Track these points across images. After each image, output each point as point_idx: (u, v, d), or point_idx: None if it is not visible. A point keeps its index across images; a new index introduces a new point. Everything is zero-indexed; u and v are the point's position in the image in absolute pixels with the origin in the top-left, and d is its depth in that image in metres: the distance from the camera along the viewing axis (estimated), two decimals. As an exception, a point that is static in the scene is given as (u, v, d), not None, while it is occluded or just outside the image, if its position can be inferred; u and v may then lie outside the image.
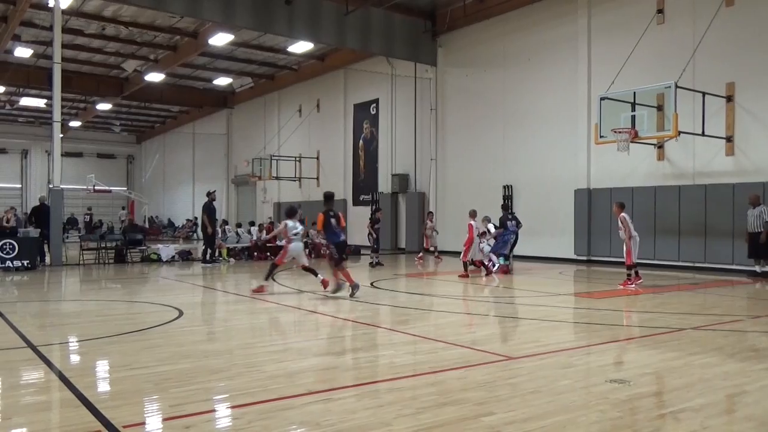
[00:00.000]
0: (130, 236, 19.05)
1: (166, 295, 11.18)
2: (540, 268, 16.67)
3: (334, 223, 10.50)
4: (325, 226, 10.51)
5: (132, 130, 46.70)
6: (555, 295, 11.22)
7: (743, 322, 8.13)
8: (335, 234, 10.50)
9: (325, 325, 8.18)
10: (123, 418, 4.03)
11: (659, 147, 15.85)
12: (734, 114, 14.61)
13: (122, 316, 8.82)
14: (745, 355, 6.04)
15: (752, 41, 14.33)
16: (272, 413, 4.19)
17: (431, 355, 6.14)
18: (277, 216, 30.50)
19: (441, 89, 22.59)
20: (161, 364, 5.63)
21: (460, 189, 21.55)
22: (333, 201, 11.00)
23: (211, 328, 8.00)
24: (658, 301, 10.54)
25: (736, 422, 4.13)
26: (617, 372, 5.34)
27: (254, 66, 28.33)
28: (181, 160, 42.07)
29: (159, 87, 30.14)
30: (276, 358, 5.92)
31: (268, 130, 32.10)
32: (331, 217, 10.49)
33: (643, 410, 4.35)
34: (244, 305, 10.01)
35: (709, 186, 15.04)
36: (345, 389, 4.83)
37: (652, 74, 14.96)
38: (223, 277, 14.98)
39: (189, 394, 4.64)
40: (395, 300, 10.63)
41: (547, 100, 18.83)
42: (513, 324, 8.49)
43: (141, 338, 6.93)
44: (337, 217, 10.61)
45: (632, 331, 7.54)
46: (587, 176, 17.72)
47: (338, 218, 10.62)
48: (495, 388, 4.81)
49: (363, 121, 26.41)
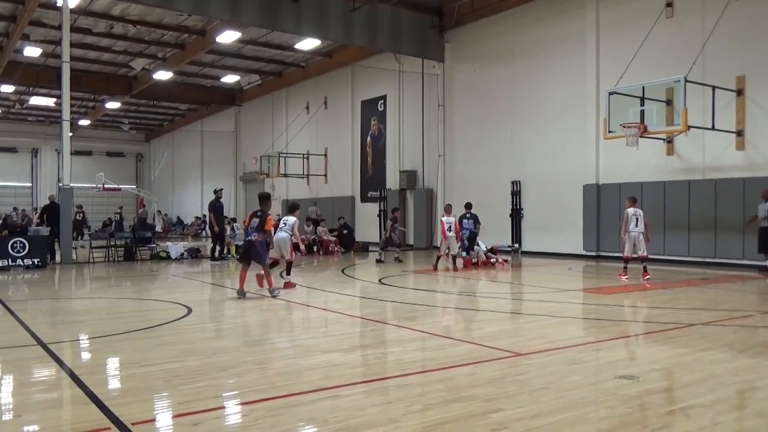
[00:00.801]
0: (139, 234, 19.12)
1: (175, 293, 11.22)
2: (549, 263, 16.61)
3: (256, 223, 10.15)
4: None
5: (141, 128, 46.91)
6: (564, 291, 11.19)
7: (754, 317, 8.07)
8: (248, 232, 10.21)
9: (333, 322, 8.18)
10: (132, 415, 4.05)
11: (668, 142, 15.75)
12: (745, 108, 14.48)
13: (132, 314, 8.87)
14: (756, 351, 6.00)
15: (762, 34, 14.19)
16: (281, 410, 4.20)
17: (439, 352, 6.13)
18: (285, 213, 30.54)
19: (449, 85, 22.52)
20: (170, 361, 5.66)
21: (468, 185, 21.49)
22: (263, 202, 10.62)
23: (219, 325, 8.03)
24: (667, 296, 10.48)
25: (747, 418, 4.10)
26: (626, 368, 5.31)
27: (262, 63, 28.37)
28: (189, 158, 42.22)
29: (167, 85, 30.23)
30: (284, 354, 5.93)
31: (276, 127, 32.14)
32: (255, 216, 10.25)
33: (652, 406, 4.33)
34: (253, 302, 10.02)
35: (719, 181, 14.93)
36: (353, 386, 4.83)
37: (661, 68, 14.85)
38: (232, 275, 15.02)
39: (198, 391, 4.65)
40: (403, 296, 10.62)
41: (555, 95, 18.74)
42: (521, 320, 8.47)
43: (150, 335, 6.96)
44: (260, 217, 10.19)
45: (641, 327, 7.51)
46: (596, 171, 17.63)
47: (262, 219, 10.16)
48: (503, 385, 4.80)
49: (371, 118, 26.39)
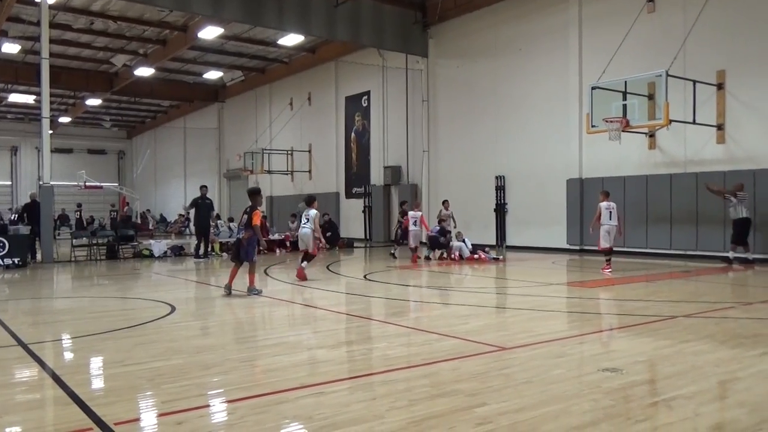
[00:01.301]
0: (121, 232, 18.95)
1: (159, 291, 11.13)
2: (533, 257, 16.71)
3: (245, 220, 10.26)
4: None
5: (122, 125, 46.45)
6: (547, 284, 11.25)
7: (735, 309, 8.17)
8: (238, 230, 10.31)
9: (318, 319, 8.17)
10: (115, 415, 4.01)
11: (650, 136, 15.88)
12: (725, 102, 14.64)
13: (114, 313, 8.78)
14: (737, 342, 6.07)
15: (743, 28, 14.35)
16: (265, 407, 4.18)
17: (424, 347, 6.14)
18: (269, 209, 30.44)
19: (432, 80, 22.53)
20: (154, 360, 5.61)
21: (452, 180, 21.55)
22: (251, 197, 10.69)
23: (204, 323, 7.98)
24: (650, 289, 10.59)
25: (728, 409, 4.15)
26: (610, 361, 5.35)
27: (245, 59, 28.18)
28: (172, 155, 41.89)
29: (149, 82, 29.94)
30: (269, 352, 5.91)
31: (260, 123, 31.98)
32: (245, 213, 10.33)
33: (635, 398, 4.37)
34: (238, 300, 9.97)
35: (700, 174, 15.08)
36: (338, 382, 4.83)
37: (642, 63, 14.97)
38: (216, 272, 14.94)
39: (182, 390, 4.62)
40: (389, 292, 10.63)
41: (538, 90, 18.82)
42: (506, 314, 8.50)
43: (133, 334, 6.90)
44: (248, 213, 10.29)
45: (624, 320, 7.57)
46: (579, 166, 17.75)
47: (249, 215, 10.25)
48: (488, 379, 4.81)
49: (355, 114, 26.34)
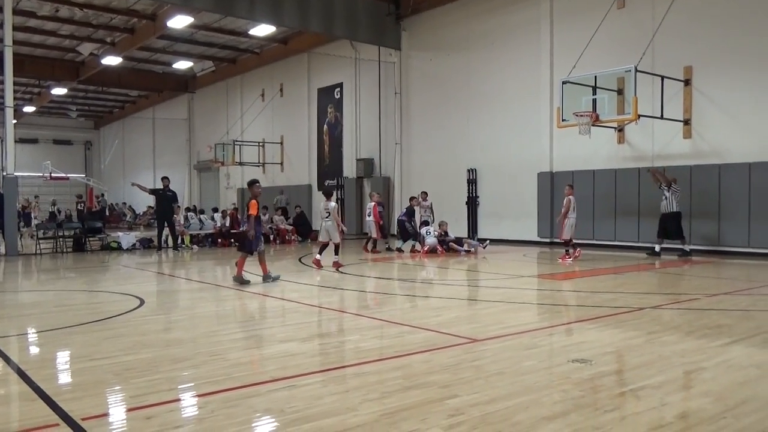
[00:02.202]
0: (89, 224, 18.59)
1: (127, 284, 10.96)
2: (504, 250, 16.85)
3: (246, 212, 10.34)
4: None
5: (89, 115, 45.51)
6: (518, 277, 11.37)
7: (700, 300, 8.35)
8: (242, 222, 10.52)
9: (290, 311, 8.12)
10: (82, 411, 3.93)
11: (619, 130, 16.12)
12: (692, 97, 14.92)
13: (81, 306, 8.62)
14: (702, 333, 6.20)
15: (709, 25, 14.61)
16: (237, 401, 4.14)
17: (397, 339, 6.15)
18: (241, 201, 30.17)
19: (405, 73, 22.52)
20: (123, 354, 5.52)
21: (424, 173, 21.60)
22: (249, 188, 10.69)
23: (173, 316, 7.87)
24: (618, 281, 10.76)
25: (693, 398, 4.24)
26: (579, 352, 5.43)
27: (215, 49, 27.81)
28: (141, 146, 41.23)
29: (116, 71, 29.37)
30: (240, 345, 5.86)
31: (231, 114, 31.63)
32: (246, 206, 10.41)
33: (604, 389, 4.44)
34: (208, 293, 9.88)
35: (667, 168, 15.35)
36: (310, 375, 4.81)
37: (612, 58, 15.15)
38: (186, 265, 14.77)
39: (151, 384, 4.55)
40: (361, 285, 10.62)
41: (510, 83, 18.94)
42: (478, 306, 8.57)
43: (101, 328, 6.78)
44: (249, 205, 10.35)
45: (593, 312, 7.68)
46: (550, 159, 17.93)
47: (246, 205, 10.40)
48: (459, 371, 4.84)
49: (327, 106, 26.21)
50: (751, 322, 6.81)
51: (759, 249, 13.82)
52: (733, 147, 14.29)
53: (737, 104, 14.24)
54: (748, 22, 14.00)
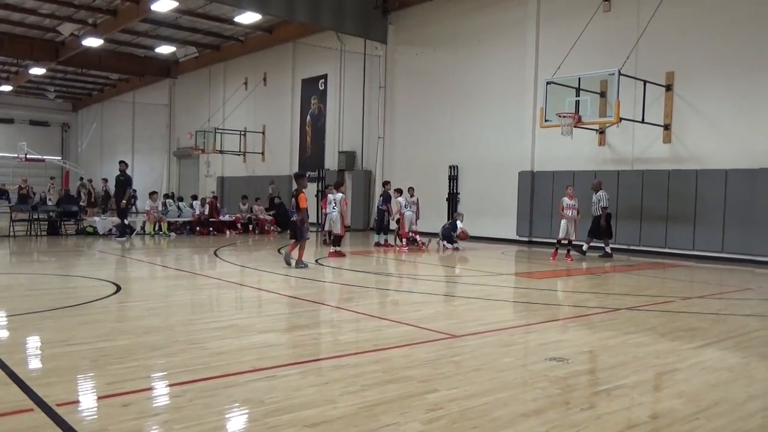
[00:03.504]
0: (64, 207, 18.31)
1: (104, 270, 10.84)
2: (483, 248, 16.95)
3: (293, 203, 11.31)
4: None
5: (68, 97, 44.75)
6: (497, 274, 11.45)
7: (675, 303, 8.49)
8: (291, 213, 11.48)
9: (270, 302, 8.09)
10: (57, 396, 3.89)
11: (601, 132, 16.27)
12: (672, 103, 15.11)
13: (56, 291, 8.50)
14: (676, 335, 6.31)
15: (692, 32, 14.79)
16: (215, 390, 4.12)
17: (376, 333, 6.17)
18: (220, 190, 29.95)
19: (390, 67, 22.48)
20: (99, 340, 5.46)
21: (406, 168, 21.61)
22: (296, 181, 11.78)
23: (151, 303, 7.79)
24: (595, 282, 10.89)
25: (666, 399, 4.31)
26: (556, 350, 5.49)
27: (199, 35, 27.51)
28: (120, 130, 40.66)
29: (97, 53, 28.90)
30: (219, 334, 5.82)
31: (213, 102, 31.33)
32: (292, 197, 11.42)
33: (580, 387, 4.50)
34: (186, 281, 9.81)
35: (646, 172, 15.56)
36: (290, 366, 4.80)
37: (597, 61, 15.29)
38: (163, 252, 14.63)
39: (128, 371, 4.51)
40: (340, 277, 10.61)
41: (494, 82, 19.02)
42: (456, 303, 8.61)
43: (77, 313, 6.70)
44: (295, 197, 11.32)
45: (571, 311, 7.77)
46: (531, 159, 18.04)
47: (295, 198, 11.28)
48: (439, 366, 4.87)
49: (311, 97, 26.08)
50: (723, 325, 6.94)
51: (732, 254, 14.07)
52: (711, 153, 14.52)
53: (717, 111, 14.46)
54: (730, 31, 14.21)
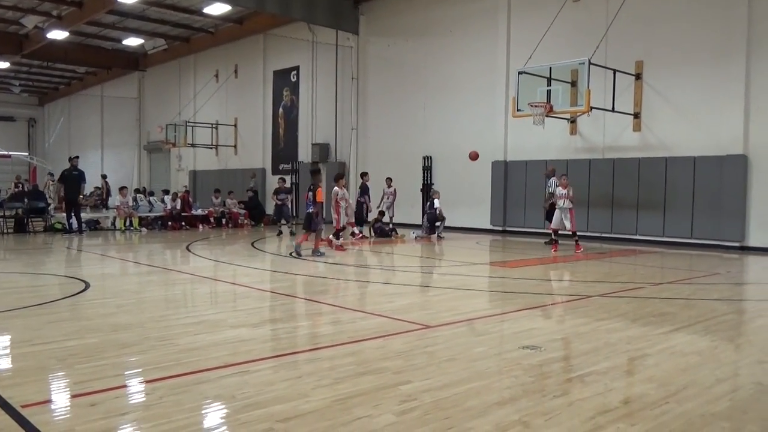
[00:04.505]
0: (32, 204, 17.91)
1: (72, 267, 10.63)
2: (458, 238, 17.01)
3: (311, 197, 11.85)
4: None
5: (33, 91, 43.70)
6: (471, 264, 11.50)
7: (645, 289, 8.61)
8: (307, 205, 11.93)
9: (242, 296, 8.01)
10: (22, 397, 3.79)
11: (572, 122, 16.41)
12: (642, 91, 15.28)
13: (23, 289, 8.31)
14: (647, 320, 6.40)
15: (660, 21, 14.96)
16: (186, 387, 4.06)
17: (350, 325, 6.14)
18: (192, 184, 29.59)
19: (363, 58, 22.38)
20: (67, 339, 5.34)
21: (380, 159, 21.57)
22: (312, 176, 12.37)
23: (120, 300, 7.66)
24: (568, 269, 11.00)
25: (637, 384, 4.36)
26: (529, 338, 5.52)
27: (168, 27, 27.03)
28: (88, 125, 39.86)
29: (63, 46, 28.22)
30: (190, 330, 5.74)
31: (183, 95, 30.87)
32: (309, 190, 11.93)
33: (553, 374, 4.53)
34: (157, 276, 9.67)
35: (617, 160, 15.73)
36: (262, 361, 4.75)
37: (567, 50, 15.37)
38: (135, 248, 14.41)
39: (96, 370, 4.42)
40: (315, 270, 10.56)
41: (467, 72, 19.04)
42: (431, 293, 8.62)
43: (44, 312, 6.55)
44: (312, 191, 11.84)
45: (544, 299, 7.83)
46: (504, 148, 18.13)
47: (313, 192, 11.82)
48: (412, 357, 4.86)
49: (283, 89, 25.85)
50: (692, 310, 7.05)
51: (701, 240, 14.33)
52: (680, 141, 14.73)
53: (685, 99, 14.66)
54: (697, 20, 14.40)
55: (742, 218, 13.80)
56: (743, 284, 9.87)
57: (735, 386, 4.35)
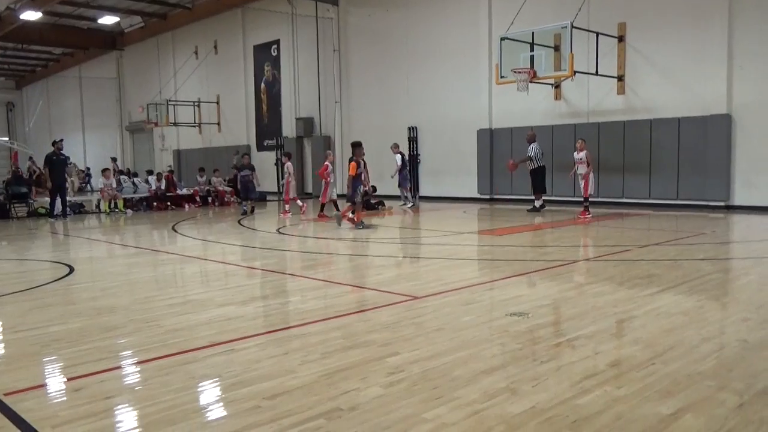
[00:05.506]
0: (13, 189, 17.66)
1: (56, 251, 10.52)
2: (445, 207, 17.00)
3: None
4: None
5: (10, 74, 42.91)
6: (459, 233, 11.49)
7: (632, 251, 8.64)
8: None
9: (229, 275, 7.97)
10: (5, 385, 3.74)
11: (556, 87, 16.31)
12: (625, 54, 15.19)
13: (6, 275, 8.20)
14: (634, 283, 6.42)
15: (642, -18, 14.81)
16: (172, 368, 4.03)
17: (337, 299, 6.12)
18: (177, 163, 29.31)
19: (343, 30, 22.06)
20: (50, 324, 5.28)
21: (365, 131, 21.38)
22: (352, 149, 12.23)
23: (105, 283, 7.58)
24: (555, 235, 11.02)
25: (624, 346, 4.38)
26: (517, 305, 5.52)
27: (143, 4, 26.47)
28: (68, 107, 39.28)
29: (37, 27, 27.59)
30: (176, 311, 5.70)
31: (163, 73, 30.40)
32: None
33: (541, 340, 4.53)
34: (143, 258, 9.58)
35: (602, 124, 15.70)
36: (249, 339, 4.72)
37: (549, 15, 15.21)
38: (121, 230, 14.29)
39: (81, 355, 4.37)
40: (302, 245, 10.52)
41: (449, 40, 18.82)
42: (418, 264, 8.61)
43: (27, 298, 6.47)
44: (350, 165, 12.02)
45: (531, 265, 7.84)
46: (489, 116, 18.04)
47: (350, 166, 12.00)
48: (400, 329, 4.85)
49: (264, 64, 25.50)
50: (678, 271, 7.09)
51: (686, 201, 14.40)
52: (664, 103, 14.69)
53: (668, 61, 14.59)
54: (678, -21, 14.25)
55: (726, 178, 13.86)
56: (728, 243, 9.94)
57: (720, 344, 4.38)
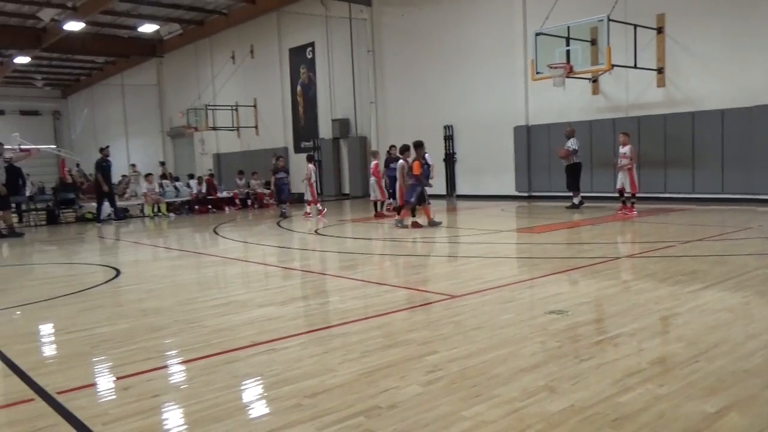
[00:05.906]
0: (61, 196, 18.25)
1: (103, 255, 10.84)
2: (482, 206, 16.91)
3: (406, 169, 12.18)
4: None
5: (56, 84, 44.28)
6: (497, 231, 11.43)
7: (674, 247, 8.46)
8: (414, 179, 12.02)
9: (269, 276, 8.10)
10: (57, 384, 3.89)
11: (594, 81, 16.06)
12: (665, 45, 14.86)
13: (56, 279, 8.50)
14: (676, 279, 6.30)
15: (681, -29, 14.47)
16: (215, 367, 4.13)
17: (376, 299, 6.16)
18: (217, 167, 29.82)
19: (377, 30, 22.13)
20: (98, 325, 5.46)
21: (401, 131, 21.38)
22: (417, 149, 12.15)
23: (151, 285, 7.79)
24: (595, 231, 10.87)
25: (668, 343, 4.31)
26: (556, 303, 5.48)
27: (181, 11, 27.02)
28: (111, 114, 40.31)
29: (80, 37, 28.40)
30: (219, 311, 5.82)
31: (202, 78, 30.97)
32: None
33: (581, 338, 4.49)
34: (186, 261, 9.80)
35: (642, 118, 15.40)
36: (290, 338, 4.80)
37: (585, 8, 14.96)
38: (164, 233, 14.63)
39: (128, 355, 4.52)
40: (341, 246, 10.60)
41: (483, 37, 18.71)
42: (456, 263, 8.60)
43: (77, 300, 6.70)
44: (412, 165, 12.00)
45: (570, 263, 7.75)
46: (525, 113, 17.87)
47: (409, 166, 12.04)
48: (438, 327, 4.87)
49: (300, 66, 25.76)
50: (723, 267, 6.92)
51: (732, 195, 14.01)
52: (706, 94, 14.33)
53: (710, 51, 14.22)
54: (720, -33, 13.88)
55: (774, 170, 13.44)
56: (777, 237, 9.65)
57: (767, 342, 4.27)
